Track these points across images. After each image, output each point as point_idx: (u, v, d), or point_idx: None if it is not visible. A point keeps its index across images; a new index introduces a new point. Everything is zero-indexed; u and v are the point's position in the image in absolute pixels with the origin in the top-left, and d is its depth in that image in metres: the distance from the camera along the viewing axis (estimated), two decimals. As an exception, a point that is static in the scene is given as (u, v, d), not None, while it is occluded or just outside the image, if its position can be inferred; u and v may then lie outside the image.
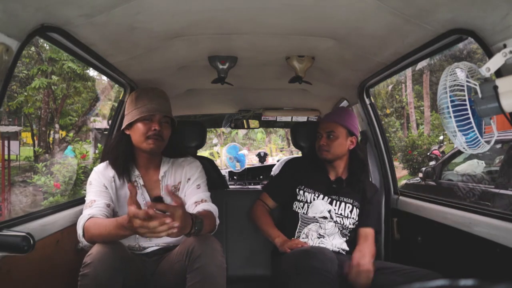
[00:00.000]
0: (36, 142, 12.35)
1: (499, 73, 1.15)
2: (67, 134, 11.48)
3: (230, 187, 3.15)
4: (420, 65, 14.03)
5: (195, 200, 1.64)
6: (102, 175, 1.64)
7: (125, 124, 1.65)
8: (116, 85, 2.36)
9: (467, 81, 1.13)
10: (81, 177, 7.09)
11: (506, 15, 1.07)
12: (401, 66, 1.73)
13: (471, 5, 1.13)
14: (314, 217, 1.90)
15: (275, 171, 3.90)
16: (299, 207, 1.94)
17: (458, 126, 1.15)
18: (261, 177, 4.52)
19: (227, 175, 4.49)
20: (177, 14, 1.32)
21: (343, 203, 1.92)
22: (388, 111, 17.27)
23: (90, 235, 1.42)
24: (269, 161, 7.28)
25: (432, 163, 6.82)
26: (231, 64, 1.80)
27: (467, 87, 1.13)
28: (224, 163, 5.11)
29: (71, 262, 1.59)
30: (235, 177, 4.60)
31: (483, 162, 5.61)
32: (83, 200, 1.62)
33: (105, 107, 13.07)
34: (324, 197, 1.93)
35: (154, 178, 1.70)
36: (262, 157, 5.08)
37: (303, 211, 1.92)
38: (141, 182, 1.68)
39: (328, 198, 1.93)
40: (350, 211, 1.92)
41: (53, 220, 1.53)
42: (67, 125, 12.07)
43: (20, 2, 1.03)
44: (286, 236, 1.88)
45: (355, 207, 1.93)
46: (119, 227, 1.30)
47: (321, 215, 1.90)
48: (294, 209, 1.95)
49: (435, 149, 9.51)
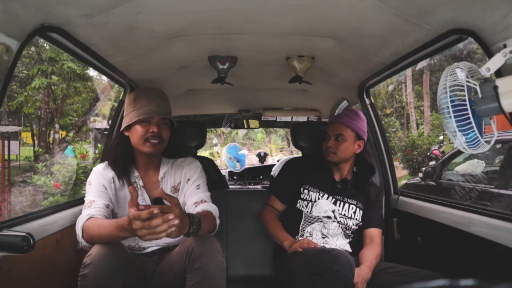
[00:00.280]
0: (36, 142, 12.35)
1: (499, 73, 1.15)
2: (67, 134, 11.47)
3: (230, 187, 3.15)
4: (420, 65, 14.02)
5: (195, 200, 1.64)
6: (102, 176, 1.63)
7: (123, 126, 1.65)
8: (116, 85, 2.35)
9: (467, 81, 1.13)
10: (81, 177, 7.09)
11: (506, 15, 1.07)
12: (401, 66, 1.73)
13: (471, 5, 1.13)
14: (318, 216, 1.90)
15: (275, 171, 3.89)
16: (303, 206, 1.94)
17: (458, 126, 1.15)
18: (261, 177, 4.52)
19: (227, 175, 4.48)
20: (177, 14, 1.32)
21: (347, 204, 1.93)
22: (388, 111, 17.28)
23: (90, 236, 1.41)
24: (269, 161, 7.26)
25: (432, 163, 6.83)
26: (231, 64, 1.80)
27: (467, 87, 1.13)
28: (224, 163, 5.11)
29: (71, 262, 1.59)
30: (235, 177, 4.60)
31: (483, 162, 5.61)
32: (83, 200, 1.61)
33: (105, 107, 13.07)
34: (328, 197, 1.93)
35: (153, 179, 1.70)
36: (262, 157, 5.07)
37: (307, 210, 1.92)
38: (140, 183, 1.67)
39: (332, 198, 1.93)
40: (354, 212, 1.92)
41: (53, 220, 1.53)
42: (67, 125, 12.07)
43: (20, 2, 1.03)
44: (289, 234, 1.88)
45: (358, 208, 1.93)
46: (119, 228, 1.29)
47: (325, 214, 1.90)
48: (298, 207, 1.95)
49: (435, 149, 9.51)
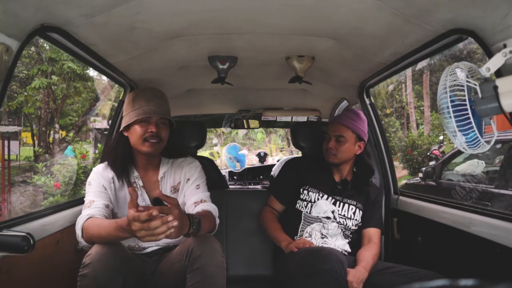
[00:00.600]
0: (36, 142, 12.35)
1: (499, 73, 1.15)
2: (67, 134, 11.48)
3: (230, 187, 3.15)
4: (420, 65, 14.02)
5: (194, 200, 1.64)
6: (101, 176, 1.63)
7: (122, 126, 1.65)
8: (116, 85, 2.35)
9: (467, 81, 1.13)
10: (81, 177, 7.08)
11: (506, 15, 1.07)
12: (401, 66, 1.73)
13: (471, 5, 1.13)
14: (318, 216, 1.90)
15: (275, 171, 3.89)
16: (302, 206, 1.94)
17: (458, 126, 1.15)
18: (261, 177, 4.51)
19: (227, 175, 4.48)
20: (177, 14, 1.32)
21: (346, 205, 1.93)
22: (388, 111, 17.28)
23: (89, 236, 1.41)
24: (269, 161, 7.26)
25: (432, 163, 6.83)
26: (231, 64, 1.80)
27: (467, 87, 1.13)
28: (224, 163, 5.10)
29: (71, 262, 1.59)
30: (235, 177, 4.59)
31: (483, 162, 5.61)
32: (83, 200, 1.61)
33: (105, 107, 13.07)
34: (328, 197, 1.93)
35: (153, 179, 1.70)
36: (262, 157, 5.07)
37: (307, 210, 1.92)
38: (140, 183, 1.67)
39: (332, 198, 1.93)
40: (353, 213, 1.92)
41: (53, 220, 1.53)
42: (67, 125, 12.07)
43: (20, 2, 1.03)
44: (288, 234, 1.89)
45: (358, 209, 1.93)
46: (119, 229, 1.29)
47: (324, 215, 1.90)
48: (297, 207, 1.95)
49: (435, 149, 9.51)
